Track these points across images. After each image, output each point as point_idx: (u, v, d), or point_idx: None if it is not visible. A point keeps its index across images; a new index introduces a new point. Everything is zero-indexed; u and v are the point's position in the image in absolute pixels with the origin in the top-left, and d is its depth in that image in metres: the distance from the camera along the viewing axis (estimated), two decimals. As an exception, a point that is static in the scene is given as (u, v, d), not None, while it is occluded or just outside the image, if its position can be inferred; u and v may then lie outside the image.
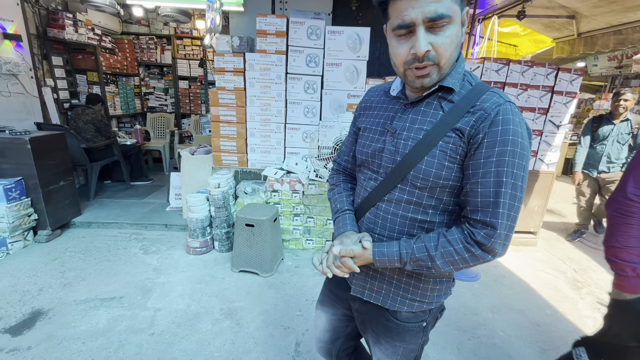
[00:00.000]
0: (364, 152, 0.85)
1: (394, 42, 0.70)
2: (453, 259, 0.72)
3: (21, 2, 3.48)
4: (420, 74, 0.69)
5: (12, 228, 2.65)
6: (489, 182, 0.68)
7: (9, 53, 3.38)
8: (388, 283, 0.86)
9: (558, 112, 2.99)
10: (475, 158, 0.70)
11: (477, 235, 0.70)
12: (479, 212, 0.70)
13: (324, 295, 1.11)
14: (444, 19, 0.63)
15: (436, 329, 2.04)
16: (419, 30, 0.65)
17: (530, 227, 3.31)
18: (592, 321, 2.22)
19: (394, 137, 0.78)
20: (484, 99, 0.70)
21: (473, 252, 0.71)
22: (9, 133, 2.74)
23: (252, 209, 2.61)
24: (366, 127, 0.87)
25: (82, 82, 4.78)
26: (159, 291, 2.32)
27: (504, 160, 0.67)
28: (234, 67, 2.81)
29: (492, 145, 0.68)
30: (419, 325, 0.88)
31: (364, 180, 0.87)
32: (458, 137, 0.71)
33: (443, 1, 0.63)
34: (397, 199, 0.78)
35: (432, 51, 0.66)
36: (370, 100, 0.92)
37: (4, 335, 1.85)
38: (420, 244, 0.74)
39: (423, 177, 0.73)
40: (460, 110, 0.71)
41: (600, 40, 3.99)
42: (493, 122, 0.68)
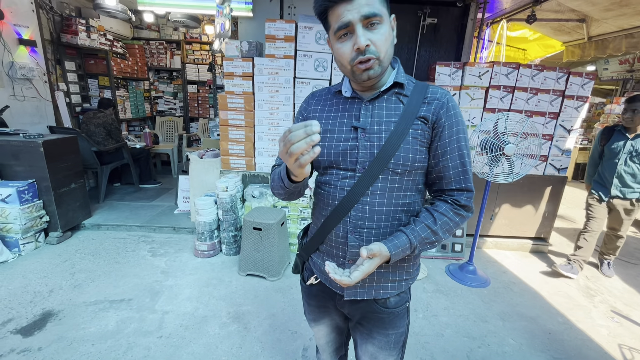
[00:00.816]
0: (332, 152, 0.86)
1: (338, 45, 0.78)
2: (449, 226, 0.84)
3: (36, 9, 3.57)
4: (365, 67, 0.76)
5: (24, 230, 2.69)
6: (455, 157, 0.83)
7: (23, 58, 3.46)
8: (378, 272, 0.89)
9: (569, 116, 2.95)
10: (442, 139, 0.83)
11: (461, 200, 0.84)
12: (453, 182, 0.84)
13: (312, 313, 1.09)
14: (376, 16, 0.73)
15: (446, 336, 2.03)
16: (358, 27, 0.74)
17: (541, 233, 3.26)
18: (606, 330, 2.17)
19: (366, 133, 0.83)
20: (432, 91, 0.84)
21: (461, 214, 0.85)
22: (23, 136, 2.80)
23: (260, 212, 2.62)
24: (327, 128, 0.88)
25: (93, 87, 4.87)
26: (167, 294, 2.33)
27: (461, 136, 0.83)
28: (243, 71, 2.83)
29: (451, 126, 0.82)
30: (405, 306, 0.96)
31: (338, 181, 0.87)
32: (424, 124, 0.82)
33: (373, 3, 0.73)
34: (380, 189, 0.84)
35: (371, 45, 0.75)
36: (318, 104, 0.94)
37: (16, 336, 1.87)
38: (421, 225, 0.83)
39: (403, 164, 0.82)
40: (417, 101, 0.82)
41: (611, 44, 3.94)
42: (447, 108, 0.82)
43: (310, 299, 1.06)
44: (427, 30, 3.40)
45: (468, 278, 2.65)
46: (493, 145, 2.32)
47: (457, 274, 2.72)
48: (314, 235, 0.95)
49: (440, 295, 2.46)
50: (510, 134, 2.33)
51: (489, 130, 2.38)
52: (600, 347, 2.02)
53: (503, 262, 3.03)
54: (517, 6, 3.82)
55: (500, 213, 3.22)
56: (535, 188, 3.12)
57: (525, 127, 2.29)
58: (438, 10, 3.34)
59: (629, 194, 2.56)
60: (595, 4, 3.36)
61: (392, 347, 0.97)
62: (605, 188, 2.65)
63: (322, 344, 1.16)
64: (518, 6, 3.81)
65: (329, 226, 0.89)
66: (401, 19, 3.41)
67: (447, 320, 2.18)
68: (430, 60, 3.45)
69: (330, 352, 1.19)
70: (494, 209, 3.20)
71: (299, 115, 0.98)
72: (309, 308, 1.10)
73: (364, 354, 1.01)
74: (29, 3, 3.50)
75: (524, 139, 2.33)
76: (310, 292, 1.05)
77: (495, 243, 3.29)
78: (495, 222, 3.25)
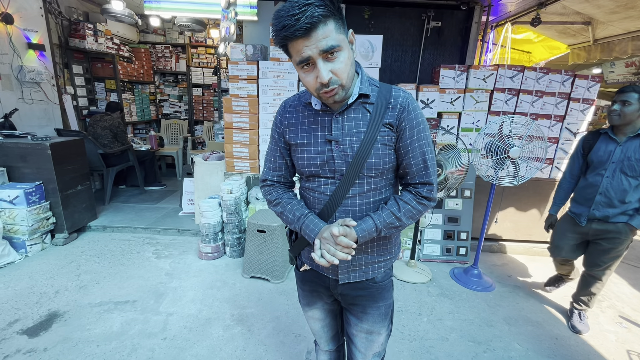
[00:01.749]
0: (312, 164, 0.95)
1: (302, 74, 0.84)
2: (412, 213, 0.94)
3: (45, 14, 3.64)
4: (330, 95, 0.83)
5: (31, 231, 2.72)
6: (417, 155, 0.91)
7: (32, 62, 3.52)
8: (366, 257, 1.01)
9: (575, 119, 2.93)
10: (404, 140, 0.91)
11: (422, 192, 0.94)
12: (416, 177, 0.94)
13: (306, 297, 1.18)
14: (334, 48, 0.78)
15: (450, 340, 2.01)
16: (318, 62, 0.79)
17: (547, 237, 3.22)
18: (614, 336, 2.13)
19: (339, 144, 0.91)
20: (394, 95, 0.90)
21: (424, 203, 0.94)
22: (31, 139, 2.84)
23: (264, 215, 2.63)
24: (304, 142, 0.96)
25: (100, 90, 4.93)
26: (171, 296, 2.34)
27: (421, 135, 0.91)
28: (248, 74, 2.85)
29: (412, 127, 0.90)
30: (390, 280, 1.10)
31: (320, 187, 0.97)
32: (389, 129, 0.90)
33: (330, 35, 0.77)
34: (359, 192, 0.94)
35: (333, 77, 0.80)
36: (293, 117, 1.00)
37: (22, 337, 1.89)
38: (386, 212, 0.92)
39: (375, 168, 0.91)
40: (381, 108, 0.89)
41: (617, 47, 3.91)
42: (408, 112, 0.89)
43: (304, 284, 1.15)
44: (431, 34, 3.40)
45: (473, 282, 2.63)
46: (498, 148, 2.31)
47: (462, 277, 2.70)
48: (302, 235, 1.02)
49: (444, 299, 2.45)
50: (515, 137, 2.32)
51: (493, 133, 2.37)
52: (608, 352, 1.98)
53: (508, 266, 3.00)
54: (522, 9, 3.82)
55: (505, 216, 3.20)
56: (541, 191, 3.10)
57: (531, 130, 2.28)
58: (442, 13, 3.35)
59: (615, 217, 1.94)
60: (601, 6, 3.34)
61: (384, 319, 1.08)
62: (583, 209, 2.06)
63: (318, 329, 1.22)
64: (523, 9, 3.81)
65: None
66: (405, 22, 3.42)
67: (452, 324, 2.16)
68: (434, 63, 3.45)
69: (327, 338, 1.24)
70: (498, 212, 3.18)
71: (276, 127, 1.04)
72: (302, 293, 1.19)
73: (359, 332, 1.10)
74: (38, 8, 3.56)
75: (529, 142, 2.31)
76: (304, 277, 1.14)
77: (501, 247, 3.27)
78: (500, 225, 3.22)
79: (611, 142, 1.95)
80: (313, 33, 0.75)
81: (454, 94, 2.93)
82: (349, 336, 1.15)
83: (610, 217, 1.95)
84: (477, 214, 3.08)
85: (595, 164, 2.00)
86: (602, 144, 1.98)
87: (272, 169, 1.07)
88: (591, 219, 2.02)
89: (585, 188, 2.05)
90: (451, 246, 3.03)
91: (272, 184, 1.08)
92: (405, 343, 1.98)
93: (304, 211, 0.98)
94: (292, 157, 1.03)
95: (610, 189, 1.93)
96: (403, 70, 3.56)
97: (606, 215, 1.95)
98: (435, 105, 2.92)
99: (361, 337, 1.11)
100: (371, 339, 1.10)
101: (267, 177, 1.08)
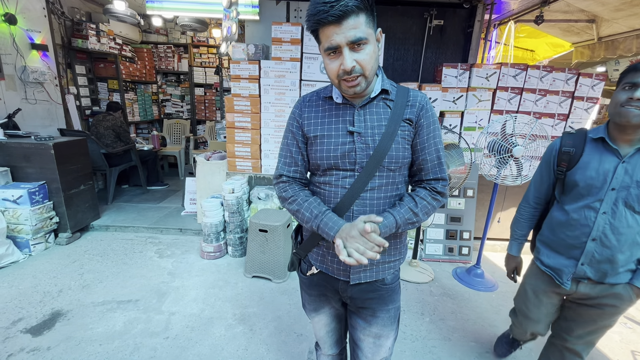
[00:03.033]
0: (331, 155, 0.95)
1: (327, 60, 0.87)
2: (428, 209, 0.96)
3: (48, 14, 3.65)
4: (352, 84, 0.87)
5: (34, 230, 2.74)
6: (432, 151, 0.96)
7: (35, 62, 3.54)
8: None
9: (579, 118, 2.91)
10: (421, 136, 0.96)
11: (437, 187, 0.97)
12: (431, 172, 0.98)
13: (314, 302, 1.15)
14: (362, 40, 0.82)
15: (453, 340, 2.01)
16: (345, 50, 0.82)
17: (550, 237, 3.20)
18: (618, 336, 2.12)
19: (361, 136, 0.93)
20: (412, 95, 0.96)
21: (438, 199, 0.98)
22: (34, 139, 2.85)
23: (266, 214, 2.63)
24: (324, 134, 0.97)
25: (102, 90, 4.95)
26: (174, 295, 2.34)
27: (436, 133, 0.97)
28: (249, 74, 2.85)
29: (429, 125, 0.96)
30: (398, 282, 1.09)
31: (338, 180, 0.97)
32: (409, 125, 0.95)
33: (360, 27, 0.81)
34: (378, 185, 0.95)
35: (357, 65, 0.84)
36: (312, 110, 1.00)
37: (25, 335, 1.90)
38: (404, 207, 0.94)
39: (395, 161, 0.94)
40: (401, 105, 0.94)
41: (622, 44, 3.87)
42: (426, 110, 0.96)
43: (311, 288, 1.13)
44: (433, 32, 3.39)
45: (475, 282, 2.62)
46: (501, 147, 2.30)
47: (465, 277, 2.68)
48: (313, 233, 1.00)
49: (447, 299, 2.44)
50: (518, 136, 2.30)
51: (496, 132, 2.35)
52: (612, 353, 1.97)
53: (511, 266, 2.99)
54: (525, 7, 3.79)
55: (508, 216, 3.18)
56: (544, 190, 3.07)
57: (534, 128, 2.26)
58: (445, 12, 3.33)
59: (614, 276, 1.23)
60: (605, 4, 3.31)
61: (392, 322, 1.08)
62: (566, 259, 1.31)
63: (323, 334, 1.20)
64: (526, 7, 3.78)
65: None
66: (407, 20, 3.40)
67: (455, 325, 2.16)
68: (437, 62, 3.43)
69: (331, 343, 1.23)
70: (501, 211, 3.16)
71: (293, 121, 1.03)
72: (309, 298, 1.16)
73: (367, 336, 1.08)
74: (41, 9, 3.58)
75: (532, 140, 2.30)
76: (311, 282, 1.11)
77: (503, 246, 3.25)
78: (503, 225, 3.20)
79: (609, 155, 1.20)
80: (344, 21, 0.79)
81: (456, 93, 2.91)
82: (355, 341, 1.12)
83: (609, 275, 1.23)
84: (479, 213, 3.07)
85: (581, 189, 1.24)
86: (594, 157, 1.23)
87: (288, 164, 1.03)
88: (579, 278, 1.28)
89: (565, 227, 1.30)
90: (454, 246, 3.01)
91: (287, 180, 1.03)
92: (407, 343, 1.97)
93: (321, 209, 0.95)
94: (308, 151, 1.02)
95: (610, 234, 1.19)
96: (405, 69, 3.54)
97: (604, 273, 1.23)
98: (438, 104, 2.91)
99: (369, 342, 1.08)
100: (379, 343, 1.08)
101: (282, 173, 1.03)
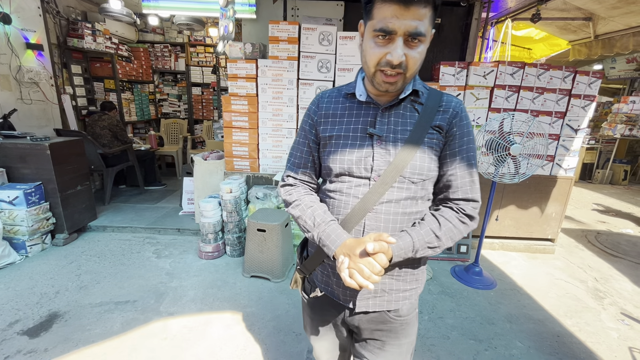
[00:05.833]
0: (346, 159, 0.83)
1: (371, 43, 0.74)
2: (453, 233, 0.81)
3: (43, 13, 3.62)
4: (389, 80, 0.75)
5: (31, 231, 2.72)
6: (464, 166, 0.83)
7: (31, 62, 3.51)
8: (390, 283, 0.87)
9: (576, 115, 2.91)
10: (452, 147, 0.83)
11: (467, 209, 0.83)
12: (460, 191, 0.83)
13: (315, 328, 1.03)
14: (420, 36, 0.71)
15: (452, 338, 2.01)
16: (398, 41, 0.71)
17: (548, 234, 3.22)
18: (616, 333, 2.13)
19: (382, 141, 0.81)
20: (446, 99, 0.84)
21: (466, 223, 0.83)
22: (30, 139, 2.83)
23: (264, 214, 2.62)
24: (340, 134, 0.85)
25: (99, 90, 4.92)
26: (172, 295, 2.33)
27: (470, 146, 0.84)
28: (247, 73, 2.84)
29: (462, 136, 0.83)
30: (415, 313, 0.95)
31: (351, 188, 0.84)
32: (438, 133, 0.83)
33: (424, 21, 0.70)
34: (396, 198, 0.82)
35: (404, 62, 0.73)
36: (331, 108, 0.89)
37: (22, 337, 1.89)
38: (425, 229, 0.81)
39: (419, 172, 0.81)
40: (432, 110, 0.82)
41: (619, 42, 3.89)
42: (461, 118, 0.83)
43: (314, 312, 1.01)
44: (431, 30, 3.38)
45: (474, 280, 2.62)
46: (498, 146, 2.30)
47: (463, 275, 2.69)
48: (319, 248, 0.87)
49: (445, 297, 2.44)
50: (516, 134, 2.31)
51: (494, 130, 2.35)
52: (610, 350, 1.98)
53: (510, 264, 3.00)
54: (522, 5, 3.79)
55: (506, 214, 3.19)
56: (542, 188, 3.09)
57: (532, 127, 2.27)
58: (442, 10, 3.32)
59: None
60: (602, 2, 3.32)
61: (404, 358, 0.94)
62: None
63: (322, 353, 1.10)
64: (523, 5, 3.78)
65: None
66: (405, 19, 3.39)
67: (453, 323, 2.16)
68: (434, 60, 3.43)
69: None
70: (499, 209, 3.16)
71: (307, 118, 0.93)
72: (311, 322, 1.03)
73: None
74: (36, 8, 3.54)
75: (530, 138, 2.30)
76: (314, 305, 0.99)
77: (502, 244, 3.26)
78: (501, 223, 3.21)
79: None
80: (413, 7, 0.68)
81: (454, 91, 2.91)
82: None
83: None
84: (477, 211, 3.07)
85: None
86: None
87: (297, 165, 0.94)
88: None
89: None
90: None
91: (294, 183, 0.94)
92: (406, 341, 1.97)
93: (325, 218, 0.83)
94: (320, 153, 0.91)
95: None
96: (403, 68, 3.53)
97: None
98: (436, 103, 2.90)
99: None
100: None
101: (289, 174, 0.95)
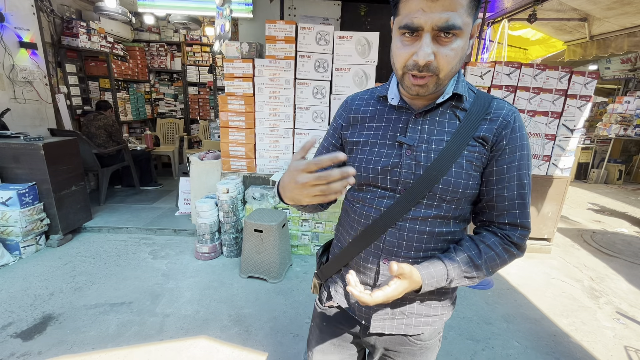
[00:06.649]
0: (371, 168, 0.75)
1: (398, 42, 0.65)
2: (495, 262, 0.72)
3: (37, 12, 3.57)
4: (418, 83, 0.65)
5: (24, 232, 2.68)
6: (513, 186, 0.71)
7: (24, 61, 3.46)
8: (411, 306, 0.79)
9: (572, 115, 2.93)
10: (499, 164, 0.72)
11: (513, 237, 0.72)
12: (506, 215, 0.73)
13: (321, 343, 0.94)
14: (454, 29, 0.59)
15: (450, 338, 2.01)
16: (425, 37, 0.60)
17: (544, 234, 3.24)
18: (611, 332, 2.14)
19: (412, 151, 0.72)
20: (495, 106, 0.72)
21: (512, 252, 0.73)
22: (24, 139, 2.79)
23: (261, 214, 2.61)
24: (367, 140, 0.77)
25: (94, 89, 4.87)
26: (168, 296, 2.32)
27: (523, 163, 0.72)
28: (243, 73, 2.82)
29: (513, 150, 0.71)
30: (438, 337, 0.86)
31: (374, 200, 0.76)
32: (482, 146, 0.71)
33: (458, 11, 0.58)
34: (423, 215, 0.72)
35: (433, 62, 0.62)
36: (360, 111, 0.81)
37: (16, 340, 1.86)
38: (463, 255, 0.71)
39: (453, 190, 0.70)
40: (476, 118, 0.70)
41: (613, 43, 3.92)
42: (513, 129, 0.71)
43: (325, 326, 0.91)
44: (428, 31, 3.38)
45: (471, 279, 2.63)
46: (495, 146, 2.30)
47: (460, 275, 2.69)
48: (337, 255, 0.83)
49: (443, 297, 2.44)
50: (512, 134, 2.31)
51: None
52: (606, 349, 1.99)
53: (506, 263, 3.01)
54: (518, 5, 3.81)
55: (503, 214, 3.20)
56: (538, 188, 3.10)
57: (528, 126, 2.27)
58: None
59: None
60: (597, 2, 3.35)
61: None
62: None
63: None
64: (519, 5, 3.80)
65: (357, 248, 0.78)
66: (402, 19, 3.39)
67: (450, 323, 2.16)
68: (432, 61, 3.43)
69: None
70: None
71: (334, 120, 0.86)
72: (320, 336, 0.93)
73: None
74: (30, 6, 3.50)
75: (526, 138, 2.31)
76: (326, 317, 0.90)
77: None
78: (498, 222, 3.22)
79: None
80: None
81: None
82: None
83: None
84: (474, 211, 3.08)
85: None
86: None
87: None
88: None
89: None
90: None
91: None
92: (403, 342, 1.97)
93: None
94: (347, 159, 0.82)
95: None
96: (400, 68, 3.53)
97: None
98: (433, 103, 2.90)
99: None
100: None
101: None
